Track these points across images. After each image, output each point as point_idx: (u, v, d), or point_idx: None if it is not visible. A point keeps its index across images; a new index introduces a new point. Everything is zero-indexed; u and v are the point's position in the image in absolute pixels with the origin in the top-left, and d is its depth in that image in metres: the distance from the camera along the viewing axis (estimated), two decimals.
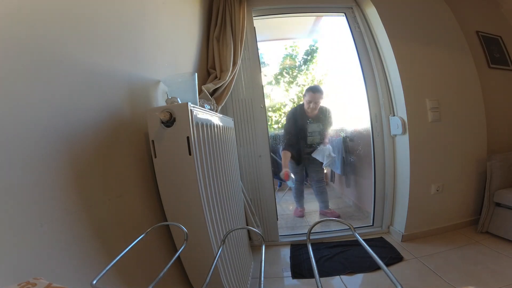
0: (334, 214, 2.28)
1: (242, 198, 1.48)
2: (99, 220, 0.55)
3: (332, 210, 2.33)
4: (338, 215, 2.30)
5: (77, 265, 0.48)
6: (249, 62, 1.74)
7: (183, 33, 1.28)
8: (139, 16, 0.86)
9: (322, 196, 2.31)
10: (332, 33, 2.58)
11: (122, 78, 0.72)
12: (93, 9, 0.63)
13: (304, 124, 2.28)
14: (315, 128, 2.29)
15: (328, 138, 2.37)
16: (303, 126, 2.29)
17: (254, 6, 1.77)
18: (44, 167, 0.45)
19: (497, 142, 1.75)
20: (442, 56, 1.65)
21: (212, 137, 0.89)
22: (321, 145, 2.31)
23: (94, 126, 0.58)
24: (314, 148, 2.32)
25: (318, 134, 2.31)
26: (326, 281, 1.31)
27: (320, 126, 2.30)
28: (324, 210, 2.31)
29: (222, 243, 0.52)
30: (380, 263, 0.32)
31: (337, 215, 2.29)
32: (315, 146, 2.32)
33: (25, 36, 0.44)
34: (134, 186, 0.71)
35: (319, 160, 2.28)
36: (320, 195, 2.31)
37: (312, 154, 2.30)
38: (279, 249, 1.71)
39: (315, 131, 2.30)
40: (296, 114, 2.31)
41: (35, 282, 0.28)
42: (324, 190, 2.32)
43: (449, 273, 1.23)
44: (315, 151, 2.31)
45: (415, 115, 1.57)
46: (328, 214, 2.27)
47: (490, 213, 1.55)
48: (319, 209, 2.35)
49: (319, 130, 2.30)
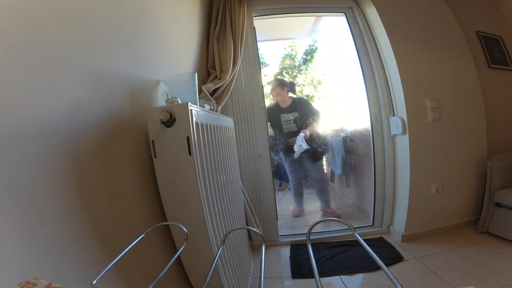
0: (334, 214, 2.28)
1: (242, 198, 1.48)
2: (99, 220, 0.55)
3: (333, 209, 2.33)
4: (338, 215, 2.30)
5: (77, 265, 0.48)
6: (249, 62, 1.74)
7: (183, 33, 1.28)
8: (139, 16, 0.86)
9: (324, 196, 2.31)
10: (332, 33, 2.58)
11: (122, 78, 0.72)
12: (93, 9, 0.63)
13: (278, 115, 2.31)
14: (289, 117, 2.29)
15: (309, 129, 2.31)
16: (278, 118, 2.32)
17: (254, 6, 1.77)
18: (44, 167, 0.45)
19: (497, 142, 1.75)
20: (442, 56, 1.65)
21: (212, 137, 0.89)
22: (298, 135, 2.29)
23: (94, 126, 0.58)
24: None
25: (293, 122, 2.29)
26: (326, 281, 1.31)
27: (294, 114, 2.29)
28: (325, 209, 2.31)
29: (222, 243, 0.52)
30: (380, 263, 0.32)
31: (337, 215, 2.29)
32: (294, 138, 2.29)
33: (25, 35, 0.44)
34: (134, 186, 0.71)
35: (295, 151, 2.25)
36: (321, 195, 2.32)
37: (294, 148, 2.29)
38: (279, 249, 1.71)
39: (289, 119, 2.30)
40: (271, 109, 2.34)
41: (35, 282, 0.28)
42: (325, 189, 2.32)
43: (449, 273, 1.23)
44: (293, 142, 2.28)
45: (415, 115, 1.57)
46: (329, 213, 2.27)
47: (490, 213, 1.55)
48: (320, 208, 2.36)
49: (293, 118, 2.29)
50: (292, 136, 2.29)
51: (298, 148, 2.22)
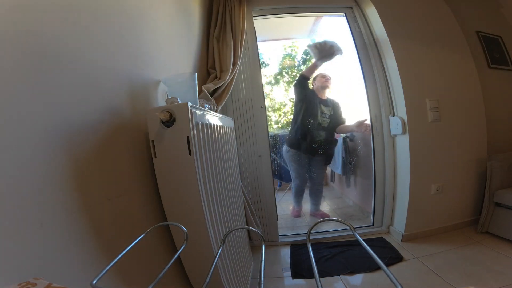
0: (324, 216, 2.24)
1: (242, 198, 1.48)
2: (99, 220, 0.55)
3: (322, 211, 2.29)
4: (328, 216, 2.26)
5: (77, 265, 0.48)
6: (249, 62, 1.74)
7: (183, 33, 1.28)
8: (140, 16, 0.86)
9: (317, 198, 2.26)
10: (332, 33, 2.58)
11: (122, 78, 0.72)
12: (93, 9, 0.63)
13: (317, 104, 2.08)
14: (326, 111, 2.08)
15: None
16: (317, 107, 2.09)
17: (254, 6, 1.77)
18: (44, 167, 0.45)
19: (497, 142, 1.75)
20: (442, 56, 1.65)
21: (212, 137, 0.89)
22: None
23: (94, 126, 0.58)
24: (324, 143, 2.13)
25: (327, 118, 2.09)
26: (326, 281, 1.31)
27: (330, 110, 2.10)
28: (314, 212, 2.26)
29: (222, 243, 0.52)
30: (380, 263, 0.32)
31: (326, 216, 2.25)
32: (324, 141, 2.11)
33: (25, 35, 0.44)
34: (134, 186, 0.71)
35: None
36: (315, 197, 2.27)
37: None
38: (279, 249, 1.71)
39: (325, 113, 2.07)
40: (309, 95, 2.10)
41: (35, 282, 0.28)
42: (321, 192, 2.28)
43: (449, 273, 1.23)
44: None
45: (415, 115, 1.57)
46: (318, 215, 2.23)
47: (490, 213, 1.55)
48: (310, 211, 2.30)
49: (329, 114, 2.09)
50: (321, 130, 2.14)
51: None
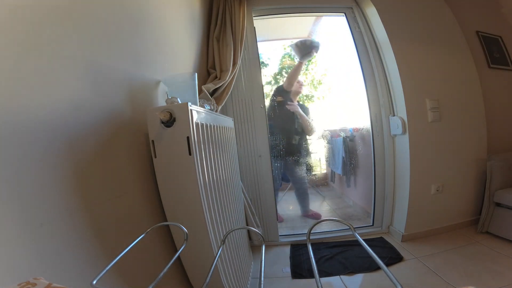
0: (316, 215, 2.18)
1: (242, 198, 1.48)
2: (99, 220, 0.55)
3: (313, 211, 2.22)
4: (320, 215, 2.20)
5: (77, 265, 0.48)
6: (249, 62, 1.74)
7: (183, 33, 1.28)
8: (140, 16, 0.86)
9: (302, 200, 2.17)
10: (332, 33, 2.58)
11: (123, 77, 0.72)
12: (93, 8, 0.63)
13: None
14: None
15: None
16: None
17: (254, 6, 1.77)
18: (44, 167, 0.45)
19: (497, 142, 1.75)
20: (442, 56, 1.65)
21: (212, 137, 0.89)
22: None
23: (94, 126, 0.58)
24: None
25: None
26: (326, 281, 1.31)
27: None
28: (305, 213, 2.18)
29: (222, 243, 0.52)
30: (380, 263, 0.32)
31: (319, 216, 2.19)
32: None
33: (25, 35, 0.44)
34: (134, 186, 0.71)
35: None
36: (301, 199, 2.17)
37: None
38: (279, 249, 1.71)
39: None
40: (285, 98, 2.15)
41: (35, 282, 0.28)
42: (306, 193, 2.17)
43: (449, 273, 1.23)
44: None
45: (415, 115, 1.57)
46: (310, 216, 2.17)
47: (490, 213, 1.55)
48: (301, 213, 2.22)
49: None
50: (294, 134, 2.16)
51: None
